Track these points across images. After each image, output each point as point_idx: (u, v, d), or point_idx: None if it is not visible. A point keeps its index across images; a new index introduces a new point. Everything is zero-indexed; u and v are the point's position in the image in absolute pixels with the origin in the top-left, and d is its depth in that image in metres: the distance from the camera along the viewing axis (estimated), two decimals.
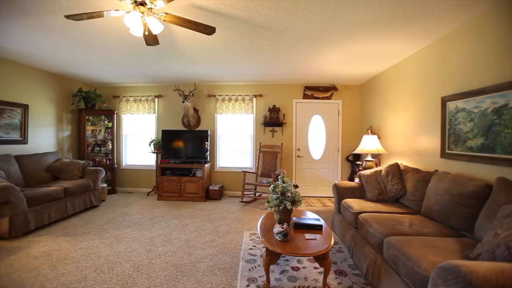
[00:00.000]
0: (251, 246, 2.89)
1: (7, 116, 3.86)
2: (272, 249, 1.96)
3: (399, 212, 2.59)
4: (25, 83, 4.16)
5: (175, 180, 4.86)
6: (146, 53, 3.50)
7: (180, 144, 5.15)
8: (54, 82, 4.73)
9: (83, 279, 2.19)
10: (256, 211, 4.29)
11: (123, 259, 2.56)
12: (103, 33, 2.88)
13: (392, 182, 2.97)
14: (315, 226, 2.34)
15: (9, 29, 2.79)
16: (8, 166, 3.56)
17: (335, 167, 5.37)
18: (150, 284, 2.14)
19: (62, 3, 2.26)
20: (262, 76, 4.76)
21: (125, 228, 3.38)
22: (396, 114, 3.76)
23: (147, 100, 5.51)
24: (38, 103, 4.39)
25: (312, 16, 2.42)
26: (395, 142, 3.78)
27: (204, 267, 2.42)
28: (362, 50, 3.28)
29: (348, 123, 5.31)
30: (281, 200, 2.25)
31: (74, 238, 3.05)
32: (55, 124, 4.79)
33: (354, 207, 2.77)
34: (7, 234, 2.96)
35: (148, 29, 2.19)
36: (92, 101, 5.19)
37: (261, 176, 5.06)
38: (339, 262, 2.54)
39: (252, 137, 5.42)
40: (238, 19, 2.51)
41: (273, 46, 3.22)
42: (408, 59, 3.44)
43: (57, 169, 4.20)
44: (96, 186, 4.37)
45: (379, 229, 2.14)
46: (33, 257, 2.57)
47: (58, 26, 2.70)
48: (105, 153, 5.37)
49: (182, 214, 4.00)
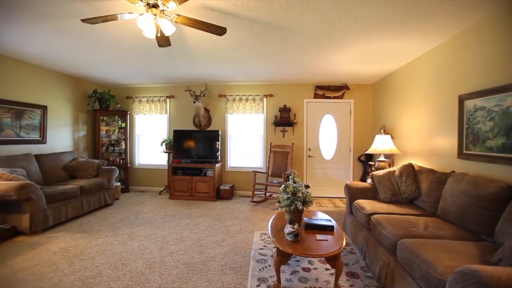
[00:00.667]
0: (261, 246, 2.89)
1: (28, 117, 4.02)
2: (283, 249, 1.96)
3: (414, 214, 2.52)
4: (44, 85, 4.32)
5: (187, 180, 4.92)
6: (158, 54, 3.56)
7: (191, 144, 5.21)
8: (71, 84, 4.89)
9: (98, 275, 2.26)
10: (267, 211, 4.29)
11: (136, 256, 2.61)
12: (117, 35, 2.95)
13: (406, 183, 2.90)
14: (326, 227, 2.31)
15: (30, 34, 2.90)
16: (29, 165, 3.71)
17: (346, 167, 5.29)
18: (162, 281, 2.18)
19: (78, 8, 2.33)
20: (272, 76, 4.74)
21: (138, 226, 3.46)
22: (410, 113, 3.66)
23: (159, 100, 5.60)
24: (56, 104, 4.55)
25: (324, 14, 2.40)
26: (409, 142, 3.68)
27: (215, 266, 2.44)
28: (374, 48, 3.22)
29: (360, 122, 5.22)
30: (292, 200, 2.24)
31: (90, 235, 3.14)
32: (72, 124, 4.95)
33: (367, 208, 2.72)
34: (28, 229, 3.09)
35: (161, 31, 2.22)
36: (106, 102, 5.32)
37: (271, 176, 5.05)
38: (351, 264, 2.50)
39: (263, 137, 5.42)
40: (248, 19, 2.51)
41: (284, 46, 3.21)
42: (423, 57, 3.35)
43: (73, 168, 4.34)
44: (110, 184, 4.48)
45: (392, 231, 2.09)
46: (52, 252, 2.66)
47: (75, 29, 2.79)
48: (118, 152, 5.51)
49: (193, 213, 4.05)
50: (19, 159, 3.62)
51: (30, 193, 3.06)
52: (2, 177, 3.13)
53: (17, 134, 3.87)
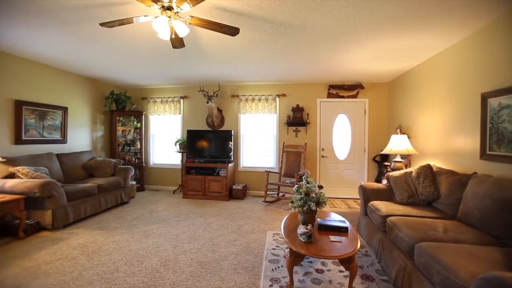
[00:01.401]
0: (274, 246, 2.88)
1: (50, 118, 4.20)
2: (296, 250, 1.94)
3: (432, 217, 2.44)
4: (65, 87, 4.50)
5: (200, 179, 4.98)
6: (172, 56, 3.63)
7: (205, 144, 5.27)
8: (90, 86, 5.07)
9: (115, 271, 2.33)
10: (279, 211, 4.27)
11: (151, 253, 2.67)
12: (133, 38, 3.03)
13: (423, 185, 2.80)
14: (340, 228, 2.27)
15: (53, 39, 3.03)
16: (51, 163, 3.88)
17: (361, 168, 5.18)
18: (176, 279, 2.21)
19: (97, 13, 2.41)
20: (285, 76, 4.72)
21: (153, 224, 3.53)
22: (429, 112, 3.54)
23: (173, 101, 5.71)
24: (75, 105, 4.73)
25: (338, 12, 2.36)
26: (427, 142, 3.56)
27: (227, 265, 2.45)
28: (390, 46, 3.14)
29: (375, 122, 5.10)
30: (305, 200, 2.22)
31: (107, 232, 3.24)
32: (90, 124, 5.13)
33: (382, 209, 2.65)
34: (50, 225, 3.23)
35: (175, 32, 2.26)
36: (122, 103, 5.48)
37: (284, 176, 5.02)
38: (366, 267, 2.45)
39: (275, 137, 5.40)
40: (261, 19, 2.51)
41: (297, 45, 3.18)
42: (442, 53, 3.22)
43: (91, 167, 4.50)
44: (126, 183, 4.61)
45: (409, 234, 2.03)
46: (72, 248, 2.77)
47: (93, 33, 2.89)
48: (134, 152, 5.65)
49: (206, 213, 4.09)
50: (42, 158, 3.79)
51: (52, 190, 3.19)
52: (27, 175, 3.29)
53: (40, 134, 4.06)
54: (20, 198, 3.01)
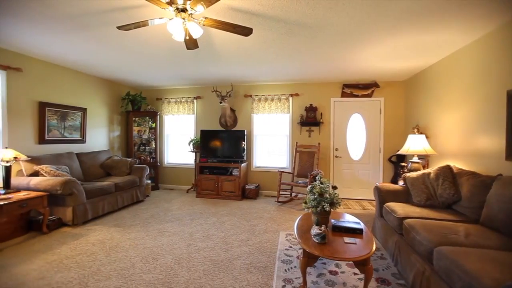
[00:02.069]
0: (287, 246, 2.86)
1: (70, 119, 4.38)
2: (309, 251, 1.92)
3: (452, 220, 2.34)
4: (84, 89, 4.68)
5: (213, 179, 5.03)
6: (186, 57, 3.69)
7: (218, 144, 5.32)
8: (107, 87, 5.23)
9: (132, 267, 2.39)
10: (292, 211, 4.24)
11: (166, 251, 2.73)
12: (148, 40, 3.10)
13: (443, 186, 2.70)
14: (355, 230, 2.23)
15: (73, 42, 3.16)
16: (71, 162, 4.04)
17: (376, 168, 5.06)
18: (190, 277, 2.24)
19: (115, 16, 2.48)
20: (298, 75, 4.68)
21: (167, 223, 3.60)
22: (449, 111, 3.40)
23: (187, 101, 5.79)
24: (94, 106, 4.90)
25: (352, 10, 2.31)
26: (447, 142, 3.42)
27: (240, 265, 2.46)
28: (407, 43, 3.04)
29: (391, 122, 4.96)
30: (319, 201, 2.19)
31: (123, 229, 3.34)
32: (107, 125, 5.30)
33: (398, 211, 2.57)
34: (71, 221, 3.37)
35: (189, 34, 2.30)
36: (138, 103, 5.62)
37: (297, 176, 4.99)
38: (381, 270, 2.39)
39: (288, 137, 5.37)
40: (274, 18, 2.50)
41: (310, 44, 3.15)
42: (464, 49, 3.09)
43: (109, 166, 4.64)
44: (142, 182, 4.72)
45: (428, 237, 1.96)
46: (91, 244, 2.88)
47: (111, 37, 2.98)
48: (149, 152, 5.79)
49: (219, 212, 4.13)
50: (63, 157, 3.95)
51: (72, 188, 3.33)
52: (50, 173, 3.44)
53: (62, 134, 4.24)
54: (44, 195, 3.15)
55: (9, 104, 3.47)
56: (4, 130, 3.42)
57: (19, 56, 3.57)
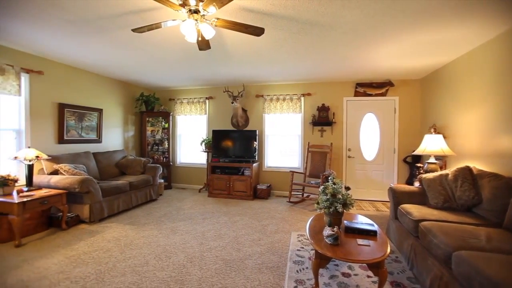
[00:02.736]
0: (298, 247, 2.84)
1: (87, 119, 4.53)
2: (322, 252, 1.90)
3: (472, 223, 2.25)
4: (100, 90, 4.83)
5: (225, 179, 5.06)
6: (198, 58, 3.73)
7: (229, 144, 5.35)
8: (122, 88, 5.37)
9: (145, 264, 2.44)
10: (304, 212, 4.21)
11: (178, 249, 2.77)
12: (161, 42, 3.15)
13: (462, 188, 2.60)
14: (368, 232, 2.18)
15: (90, 45, 3.26)
16: (88, 161, 4.17)
17: (390, 169, 4.94)
18: (202, 275, 2.27)
19: (130, 19, 2.55)
20: (310, 75, 4.64)
21: (180, 221, 3.66)
22: (468, 110, 3.27)
23: (199, 101, 5.86)
24: (109, 107, 5.04)
25: (366, 7, 2.27)
26: (466, 142, 3.29)
27: (252, 264, 2.47)
28: (423, 40, 2.95)
29: (406, 121, 4.83)
30: (331, 202, 2.16)
31: (137, 227, 3.42)
32: (122, 125, 5.44)
33: (414, 213, 2.50)
34: (88, 219, 3.48)
35: (201, 35, 2.32)
36: (151, 104, 5.74)
37: (309, 176, 4.94)
38: (396, 273, 2.33)
39: (300, 137, 5.33)
40: (286, 17, 2.49)
41: (322, 43, 3.11)
42: (485, 45, 2.96)
43: (123, 165, 4.77)
44: (155, 181, 4.82)
45: (445, 241, 1.89)
46: (107, 240, 2.96)
47: (126, 39, 3.05)
48: (162, 151, 5.90)
49: (231, 211, 4.15)
50: (81, 156, 4.09)
51: (89, 186, 3.44)
52: (68, 172, 3.57)
53: (79, 134, 4.39)
54: (63, 192, 3.27)
55: (32, 106, 3.63)
56: (27, 131, 3.58)
57: (41, 60, 3.72)
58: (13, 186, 3.08)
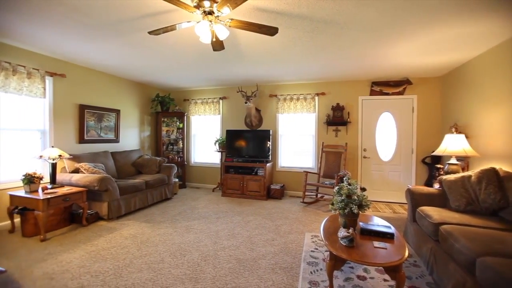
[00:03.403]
0: (312, 248, 2.81)
1: (106, 120, 4.69)
2: (336, 253, 1.86)
3: (498, 228, 2.14)
4: (118, 91, 4.99)
5: (238, 178, 5.09)
6: (212, 58, 3.77)
7: (243, 144, 5.37)
8: (138, 89, 5.52)
9: (161, 261, 2.50)
10: (318, 213, 4.16)
11: (192, 248, 2.81)
12: (177, 44, 3.21)
13: (486, 191, 2.47)
14: (385, 234, 2.12)
15: (108, 48, 3.38)
16: (106, 160, 4.32)
17: (408, 170, 4.78)
18: (216, 274, 2.29)
19: (146, 22, 2.61)
20: (324, 74, 4.58)
21: (194, 220, 3.71)
22: (494, 108, 3.11)
23: (213, 102, 5.92)
24: (126, 108, 5.20)
25: (383, 4, 2.21)
26: (491, 142, 3.13)
27: (265, 264, 2.46)
28: (444, 36, 2.83)
29: (425, 120, 4.66)
30: (346, 203, 2.12)
31: (153, 225, 3.50)
32: (138, 125, 5.59)
33: (434, 216, 2.40)
34: (106, 216, 3.60)
35: (215, 36, 2.34)
36: (167, 104, 5.86)
37: (323, 177, 4.88)
38: (415, 278, 2.25)
39: (314, 137, 5.27)
40: (300, 16, 2.46)
41: (337, 42, 3.06)
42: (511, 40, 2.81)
43: (140, 164, 4.89)
44: (170, 180, 4.91)
45: (468, 246, 1.80)
46: (124, 237, 3.05)
47: (142, 42, 3.14)
48: (176, 151, 6.01)
49: (244, 211, 4.17)
50: (99, 156, 4.24)
51: (108, 185, 3.56)
52: (88, 170, 3.71)
53: (98, 134, 4.55)
54: (83, 190, 3.41)
55: (55, 107, 3.81)
56: (51, 131, 3.76)
57: (63, 63, 3.90)
58: (38, 183, 3.24)
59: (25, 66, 3.35)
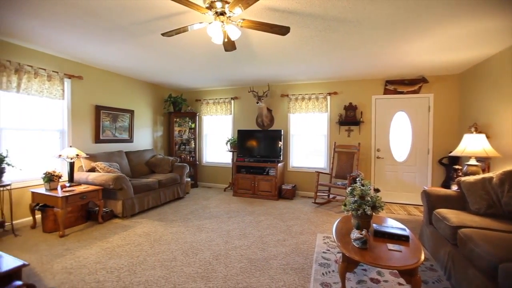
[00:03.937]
0: (324, 249, 2.77)
1: (120, 120, 4.81)
2: (349, 255, 1.83)
3: None
4: (131, 92, 5.11)
5: (249, 178, 5.09)
6: (224, 59, 3.79)
7: (254, 144, 5.37)
8: (151, 90, 5.64)
9: (173, 259, 2.53)
10: (330, 213, 4.10)
11: (204, 247, 2.84)
12: (188, 45, 3.25)
13: (510, 194, 2.36)
14: (400, 236, 2.07)
15: (123, 50, 3.46)
16: (121, 160, 4.43)
17: (423, 171, 4.64)
18: (227, 273, 2.30)
19: (159, 24, 2.66)
20: (337, 73, 4.51)
21: (206, 219, 3.75)
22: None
23: (224, 102, 5.96)
24: (140, 108, 5.32)
25: (398, 0, 2.15)
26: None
27: (276, 265, 2.45)
28: (462, 32, 2.72)
29: (442, 120, 4.50)
30: (359, 204, 2.08)
31: (166, 224, 3.56)
32: (151, 125, 5.70)
33: (452, 219, 2.32)
34: (120, 214, 3.70)
35: (227, 36, 2.35)
36: (179, 105, 5.95)
37: (335, 177, 4.81)
38: (431, 283, 2.18)
39: (326, 137, 5.21)
40: (312, 15, 2.44)
41: (350, 40, 3.01)
42: None
43: (153, 164, 4.99)
44: (182, 180, 4.98)
45: (489, 251, 1.73)
46: (138, 235, 3.12)
47: (155, 43, 3.20)
48: (188, 151, 6.09)
49: (255, 211, 4.17)
50: (114, 155, 4.36)
51: (122, 183, 3.65)
52: (104, 169, 3.82)
53: (113, 134, 4.68)
54: (99, 188, 3.51)
55: (73, 108, 3.95)
56: (69, 131, 3.90)
57: (80, 66, 4.03)
58: (57, 181, 3.37)
59: (46, 69, 3.49)
